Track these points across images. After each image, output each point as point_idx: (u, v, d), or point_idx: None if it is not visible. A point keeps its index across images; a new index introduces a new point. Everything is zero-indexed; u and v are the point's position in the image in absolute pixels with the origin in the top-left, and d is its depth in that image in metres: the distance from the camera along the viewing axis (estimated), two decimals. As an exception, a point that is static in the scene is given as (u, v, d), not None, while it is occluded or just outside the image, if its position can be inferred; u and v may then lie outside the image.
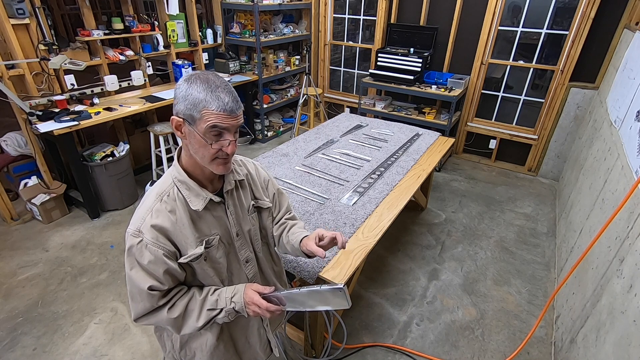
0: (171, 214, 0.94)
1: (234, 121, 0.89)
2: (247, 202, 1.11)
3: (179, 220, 0.95)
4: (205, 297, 1.01)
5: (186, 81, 0.88)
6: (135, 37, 3.44)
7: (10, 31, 2.62)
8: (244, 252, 1.11)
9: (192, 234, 0.96)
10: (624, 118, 2.10)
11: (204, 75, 0.88)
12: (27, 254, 2.73)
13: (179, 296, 0.99)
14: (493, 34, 3.80)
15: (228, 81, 0.92)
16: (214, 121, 0.86)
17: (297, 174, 2.33)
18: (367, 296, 2.44)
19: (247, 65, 4.56)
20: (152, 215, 0.93)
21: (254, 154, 4.39)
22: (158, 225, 0.92)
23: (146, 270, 0.93)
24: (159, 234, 0.92)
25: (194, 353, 1.12)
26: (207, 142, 0.88)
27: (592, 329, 1.58)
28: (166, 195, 0.95)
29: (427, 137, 3.00)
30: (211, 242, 1.00)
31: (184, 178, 0.96)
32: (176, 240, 0.95)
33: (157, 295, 0.94)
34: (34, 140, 2.97)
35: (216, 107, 0.85)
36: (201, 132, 0.87)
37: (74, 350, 2.04)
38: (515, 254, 2.87)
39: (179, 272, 0.97)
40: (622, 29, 3.18)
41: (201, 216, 0.99)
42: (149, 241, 0.91)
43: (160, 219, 0.93)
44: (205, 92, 0.85)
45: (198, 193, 0.97)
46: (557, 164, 3.91)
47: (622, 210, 1.61)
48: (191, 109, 0.86)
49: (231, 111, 0.87)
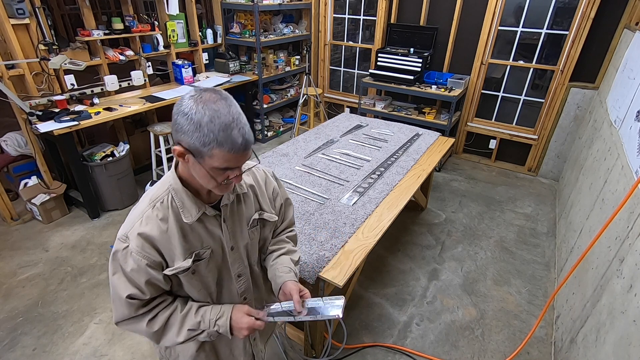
0: (162, 222, 0.89)
1: (244, 158, 0.84)
2: (248, 214, 1.04)
3: (169, 229, 0.90)
4: (187, 314, 0.96)
5: (192, 110, 0.76)
6: (135, 37, 3.44)
7: (10, 31, 2.62)
8: (236, 267, 1.05)
9: (181, 245, 0.91)
10: (624, 118, 2.10)
11: (213, 104, 0.77)
12: (27, 254, 2.73)
13: (160, 308, 0.95)
14: (493, 34, 3.80)
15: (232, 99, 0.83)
16: (225, 163, 0.80)
17: (297, 174, 2.33)
18: (367, 296, 2.44)
19: (247, 65, 4.56)
20: (141, 222, 0.89)
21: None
22: (145, 233, 0.88)
23: (128, 277, 0.89)
24: (144, 243, 0.88)
25: (178, 355, 1.11)
26: (213, 177, 0.83)
27: (592, 329, 1.58)
28: (159, 201, 0.90)
29: (427, 137, 3.00)
30: (201, 255, 0.95)
31: (178, 187, 0.90)
32: (163, 251, 0.91)
33: (136, 304, 0.91)
34: (34, 140, 2.97)
35: (229, 149, 0.78)
36: (208, 168, 0.81)
37: (74, 350, 2.04)
38: (515, 254, 2.87)
39: (163, 282, 0.93)
40: (622, 29, 3.18)
41: (194, 228, 0.93)
42: (134, 249, 0.87)
43: (149, 226, 0.88)
44: (218, 130, 0.76)
45: (192, 205, 0.91)
46: (557, 164, 3.91)
47: (622, 210, 1.61)
48: (199, 146, 0.77)
49: (244, 150, 0.81)
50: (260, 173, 1.11)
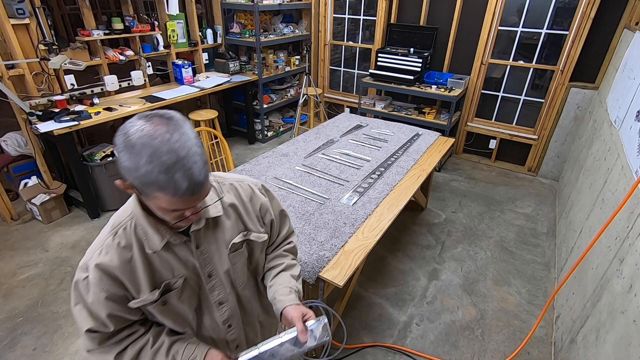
0: (125, 250, 0.81)
1: (195, 201, 0.74)
2: (227, 238, 0.93)
3: (134, 258, 0.81)
4: (157, 351, 0.88)
5: (130, 144, 0.65)
6: (135, 37, 3.44)
7: (10, 31, 2.62)
8: (217, 294, 0.95)
9: (146, 276, 0.82)
10: (624, 118, 2.10)
11: (154, 140, 0.65)
12: (27, 254, 2.73)
13: (130, 340, 0.88)
14: (493, 34, 3.80)
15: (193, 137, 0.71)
16: (172, 206, 0.71)
17: (297, 174, 2.33)
18: (367, 296, 2.44)
19: (247, 65, 4.56)
20: (100, 252, 0.81)
21: (254, 154, 4.39)
22: (103, 265, 0.79)
23: (89, 310, 0.82)
24: (103, 275, 0.80)
25: None
26: (164, 214, 0.75)
27: (592, 329, 1.58)
28: (122, 228, 0.82)
29: (427, 137, 3.00)
30: (172, 286, 0.86)
31: (139, 213, 0.81)
32: (127, 281, 0.82)
33: (99, 337, 0.84)
34: (34, 140, 2.97)
35: (173, 194, 0.68)
36: (155, 207, 0.74)
37: (74, 350, 2.04)
38: (515, 254, 2.87)
39: (130, 315, 0.85)
40: (622, 29, 3.18)
41: (162, 256, 0.84)
42: (92, 281, 0.80)
43: (108, 256, 0.80)
44: (157, 172, 0.65)
45: (154, 233, 0.81)
46: (557, 164, 3.91)
47: (622, 210, 1.61)
48: (139, 186, 0.69)
49: (192, 194, 0.70)
50: (244, 188, 0.99)
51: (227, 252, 0.93)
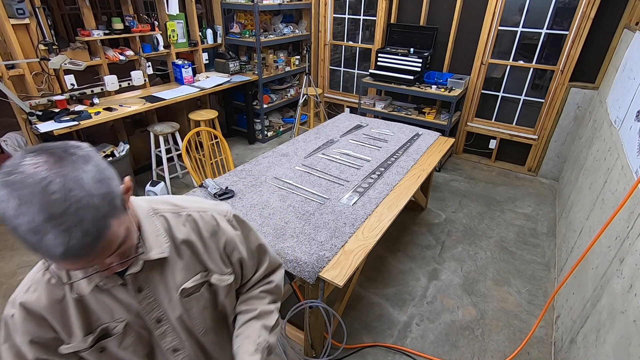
0: (56, 288, 0.71)
1: (93, 262, 0.58)
2: (178, 281, 0.79)
3: (66, 298, 0.71)
4: None
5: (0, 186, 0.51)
6: (135, 37, 3.44)
7: (10, 31, 2.62)
8: (169, 341, 0.82)
9: (79, 319, 0.72)
10: (623, 118, 2.10)
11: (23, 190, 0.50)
12: (27, 254, 2.73)
13: None
14: (493, 34, 3.80)
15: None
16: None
17: (297, 174, 2.33)
18: (367, 296, 2.44)
19: (247, 65, 4.56)
20: (28, 289, 0.71)
21: (254, 154, 4.40)
22: (28, 304, 0.70)
23: (16, 351, 0.72)
24: (27, 315, 0.70)
25: None
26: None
27: (592, 329, 1.58)
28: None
29: (427, 137, 3.00)
30: (111, 330, 0.75)
31: None
32: (57, 323, 0.71)
33: None
34: (34, 141, 2.97)
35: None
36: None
37: (74, 350, 2.04)
38: (515, 254, 2.87)
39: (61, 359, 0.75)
40: (622, 29, 3.18)
41: (97, 298, 0.72)
42: (17, 320, 0.71)
43: (36, 294, 0.70)
44: (25, 232, 0.50)
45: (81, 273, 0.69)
46: (557, 164, 3.91)
47: (622, 210, 1.61)
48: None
49: (76, 257, 0.54)
50: (206, 221, 0.82)
51: (178, 296, 0.79)
